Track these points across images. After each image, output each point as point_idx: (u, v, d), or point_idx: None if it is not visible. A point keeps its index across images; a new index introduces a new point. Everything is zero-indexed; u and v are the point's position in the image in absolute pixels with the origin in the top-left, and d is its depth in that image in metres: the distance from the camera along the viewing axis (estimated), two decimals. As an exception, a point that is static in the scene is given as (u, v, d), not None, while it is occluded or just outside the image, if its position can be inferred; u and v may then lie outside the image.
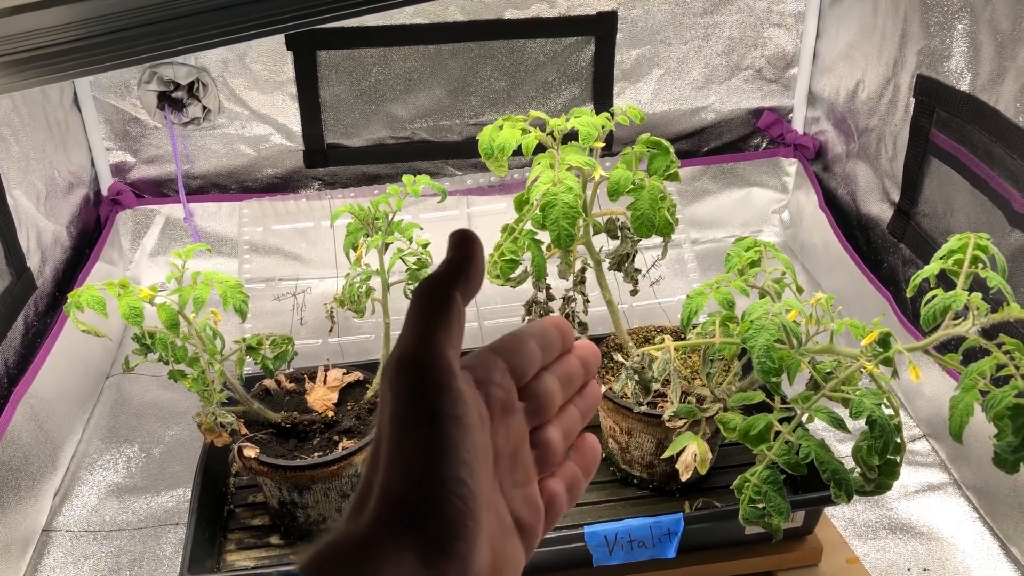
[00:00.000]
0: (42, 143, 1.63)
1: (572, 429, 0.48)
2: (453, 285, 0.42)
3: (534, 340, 0.46)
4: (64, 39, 1.05)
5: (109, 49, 1.07)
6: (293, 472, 1.16)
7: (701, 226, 2.01)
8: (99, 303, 1.06)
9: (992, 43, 1.31)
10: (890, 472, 0.97)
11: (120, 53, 1.08)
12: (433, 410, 0.39)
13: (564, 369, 0.47)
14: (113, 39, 1.07)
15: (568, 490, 0.48)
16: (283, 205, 1.77)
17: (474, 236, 0.44)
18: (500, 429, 0.43)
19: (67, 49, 1.06)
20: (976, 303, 0.91)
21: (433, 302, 0.42)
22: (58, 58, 1.06)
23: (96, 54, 1.07)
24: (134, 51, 1.09)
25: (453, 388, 0.40)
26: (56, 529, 1.34)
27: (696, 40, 1.90)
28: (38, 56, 1.05)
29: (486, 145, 1.13)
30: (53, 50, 1.05)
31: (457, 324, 0.42)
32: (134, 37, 1.08)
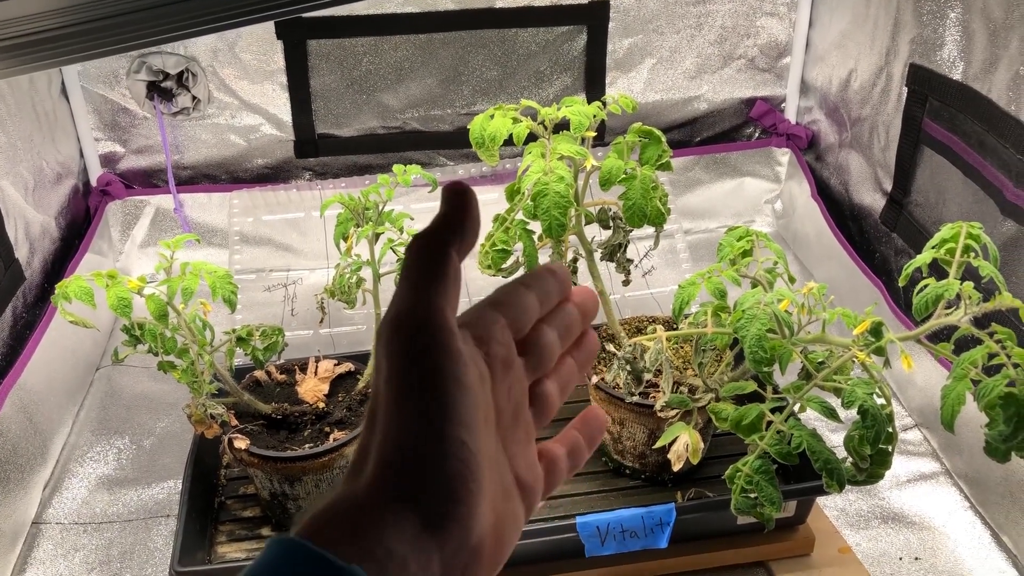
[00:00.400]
0: (30, 133, 1.62)
1: (569, 381, 0.47)
2: (448, 240, 0.40)
3: (532, 292, 0.44)
4: (51, 26, 1.04)
5: (97, 36, 1.06)
6: (284, 463, 1.15)
7: (693, 216, 2.01)
8: (87, 294, 1.05)
9: (985, 32, 1.31)
10: (882, 462, 0.97)
11: (108, 40, 1.07)
12: (431, 370, 0.38)
13: (562, 320, 0.46)
14: (101, 26, 1.06)
15: (569, 455, 0.47)
16: (273, 195, 1.76)
17: (467, 188, 0.42)
18: (501, 387, 0.42)
19: (54, 36, 1.05)
20: (968, 292, 0.91)
21: (428, 258, 0.40)
22: (45, 45, 1.04)
23: (84, 41, 1.06)
24: (122, 38, 1.08)
25: (451, 347, 0.38)
26: (46, 521, 1.34)
27: (689, 29, 1.89)
28: (24, 43, 1.04)
29: (477, 134, 1.12)
30: (40, 37, 1.04)
31: (454, 281, 0.40)
32: (122, 24, 1.07)
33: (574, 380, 0.48)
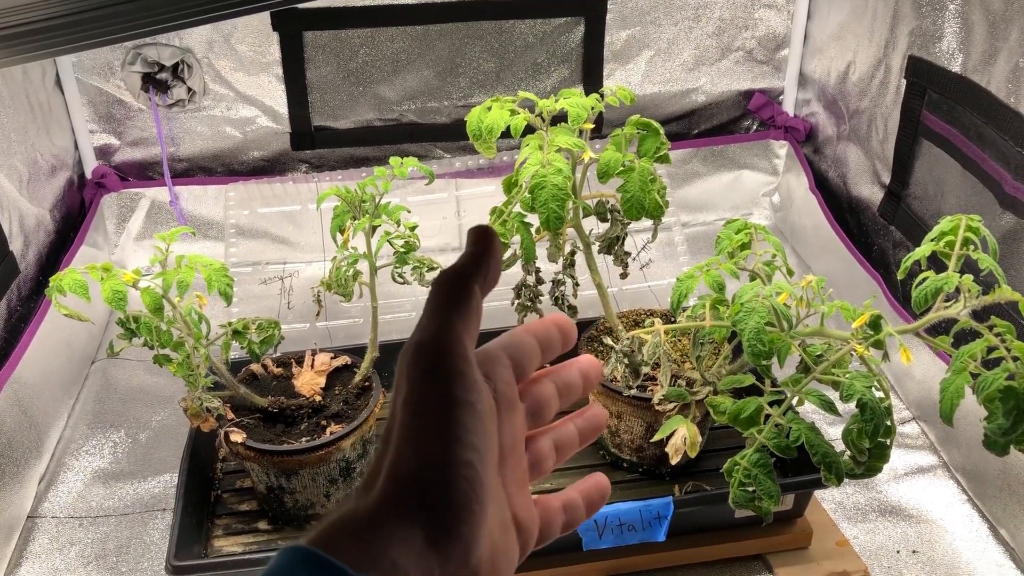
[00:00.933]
0: (24, 125, 1.61)
1: (567, 446, 0.49)
2: (472, 277, 0.43)
3: (534, 337, 0.47)
4: (43, 16, 1.03)
5: (90, 26, 1.05)
6: (280, 457, 1.15)
7: (691, 209, 2.00)
8: (81, 287, 1.04)
9: (984, 24, 1.30)
10: (880, 455, 0.97)
11: (102, 31, 1.06)
12: (447, 395, 0.40)
13: (562, 376, 0.48)
14: (96, 16, 1.05)
15: (565, 510, 0.49)
16: (270, 188, 1.75)
17: (493, 232, 0.45)
18: (504, 426, 0.43)
19: (46, 27, 1.04)
20: (967, 285, 0.91)
21: (453, 292, 0.42)
22: (37, 36, 1.04)
23: (77, 32, 1.05)
24: (116, 28, 1.07)
25: (468, 375, 0.40)
26: (41, 515, 1.33)
27: (686, 21, 1.88)
28: (16, 34, 1.03)
29: (474, 127, 1.11)
30: (32, 27, 1.03)
31: (475, 315, 0.43)
32: (116, 14, 1.06)
33: (573, 447, 0.50)
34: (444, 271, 0.44)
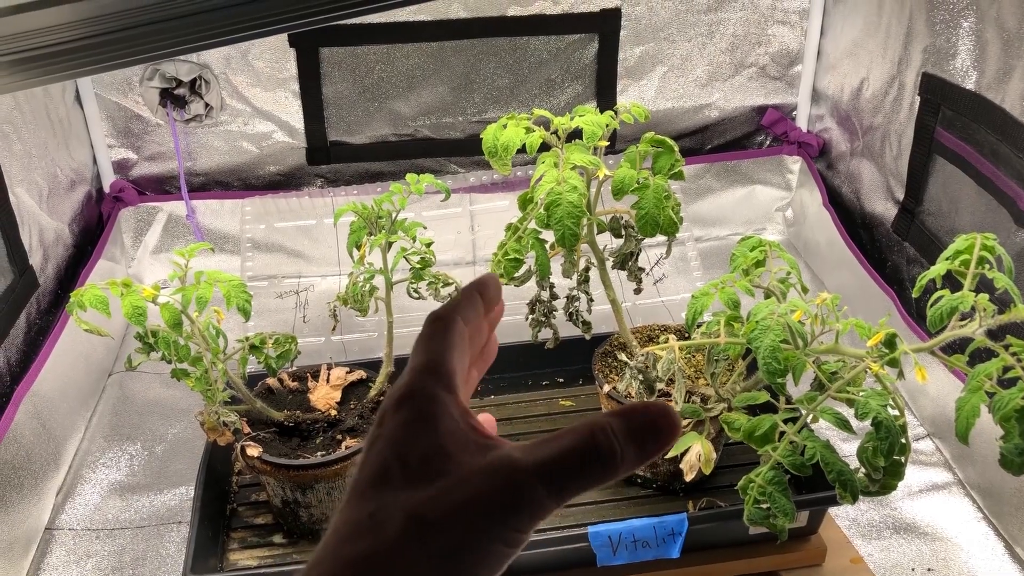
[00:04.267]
0: (44, 140, 1.63)
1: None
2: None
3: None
4: (67, 38, 1.04)
5: (112, 48, 1.07)
6: (296, 471, 1.16)
7: (704, 224, 2.00)
8: (102, 303, 1.05)
9: (998, 41, 1.30)
10: (895, 473, 0.97)
11: (123, 52, 1.08)
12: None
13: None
14: (116, 38, 1.06)
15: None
16: (285, 202, 1.77)
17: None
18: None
19: (70, 48, 1.05)
20: (983, 304, 0.91)
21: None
22: (61, 57, 1.05)
23: (99, 53, 1.07)
24: (136, 50, 1.09)
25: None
26: (59, 527, 1.34)
27: (700, 37, 1.89)
28: (41, 55, 1.04)
29: (490, 144, 1.12)
30: (56, 49, 1.04)
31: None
32: (137, 36, 1.07)
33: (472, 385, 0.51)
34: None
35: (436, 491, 0.38)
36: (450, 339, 0.44)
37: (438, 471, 0.39)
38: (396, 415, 0.41)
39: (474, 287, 0.47)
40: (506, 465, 0.38)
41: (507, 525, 0.38)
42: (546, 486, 0.38)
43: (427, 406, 0.41)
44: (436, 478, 0.38)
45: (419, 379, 0.42)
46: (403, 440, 0.40)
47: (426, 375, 0.42)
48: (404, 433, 0.40)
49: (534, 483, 0.38)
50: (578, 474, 0.38)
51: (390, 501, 0.38)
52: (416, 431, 0.40)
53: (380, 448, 0.40)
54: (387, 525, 0.37)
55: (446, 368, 0.42)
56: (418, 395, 0.41)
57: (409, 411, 0.41)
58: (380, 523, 0.38)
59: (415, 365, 0.43)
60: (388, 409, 0.41)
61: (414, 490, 0.38)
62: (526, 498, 0.38)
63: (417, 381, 0.42)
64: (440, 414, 0.41)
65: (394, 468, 0.39)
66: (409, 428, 0.40)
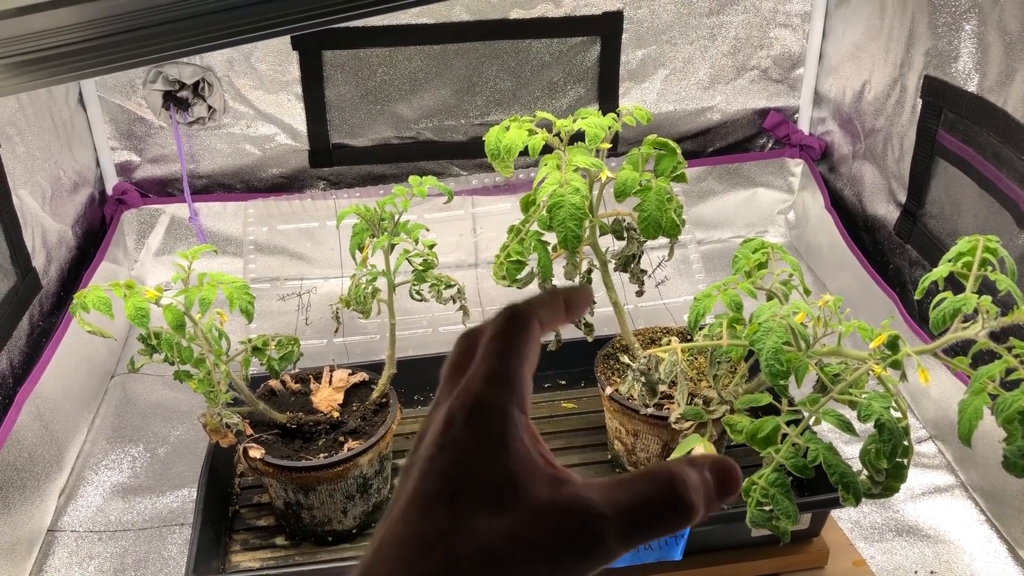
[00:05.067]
0: (47, 143, 1.63)
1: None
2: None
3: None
4: (71, 40, 1.04)
5: (116, 50, 1.07)
6: (298, 473, 1.16)
7: (706, 226, 2.01)
8: (105, 304, 1.06)
9: (1000, 44, 1.31)
10: (897, 475, 0.97)
11: (127, 54, 1.08)
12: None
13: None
14: (120, 40, 1.06)
15: None
16: (288, 205, 1.77)
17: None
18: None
19: (74, 50, 1.05)
20: (985, 306, 0.91)
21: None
22: (65, 59, 1.05)
23: (103, 55, 1.07)
24: (141, 52, 1.09)
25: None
26: (61, 529, 1.34)
27: (702, 40, 1.89)
28: (45, 57, 1.05)
29: (492, 146, 1.12)
30: (60, 51, 1.05)
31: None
32: (141, 38, 1.07)
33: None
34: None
35: (511, 521, 0.36)
36: (526, 346, 0.41)
37: (512, 501, 0.36)
38: (466, 428, 0.38)
39: (562, 292, 0.44)
40: (582, 507, 0.37)
41: (575, 568, 0.36)
42: (619, 532, 0.36)
43: (500, 424, 0.38)
44: (508, 509, 0.36)
45: (492, 390, 0.39)
46: (474, 460, 0.37)
47: (499, 386, 0.39)
48: (475, 452, 0.38)
49: (610, 529, 0.36)
50: (653, 524, 0.37)
51: (462, 525, 0.36)
52: (488, 451, 0.37)
53: (449, 462, 0.38)
54: (458, 550, 0.35)
55: (520, 381, 0.39)
56: (491, 409, 0.38)
57: (481, 426, 0.38)
58: (451, 547, 0.35)
59: (489, 372, 0.39)
60: (456, 417, 0.38)
61: (487, 517, 0.36)
62: (599, 543, 0.36)
63: (489, 392, 0.39)
64: (513, 435, 0.38)
65: (465, 488, 0.37)
66: (480, 447, 0.38)
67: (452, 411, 0.39)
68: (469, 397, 0.39)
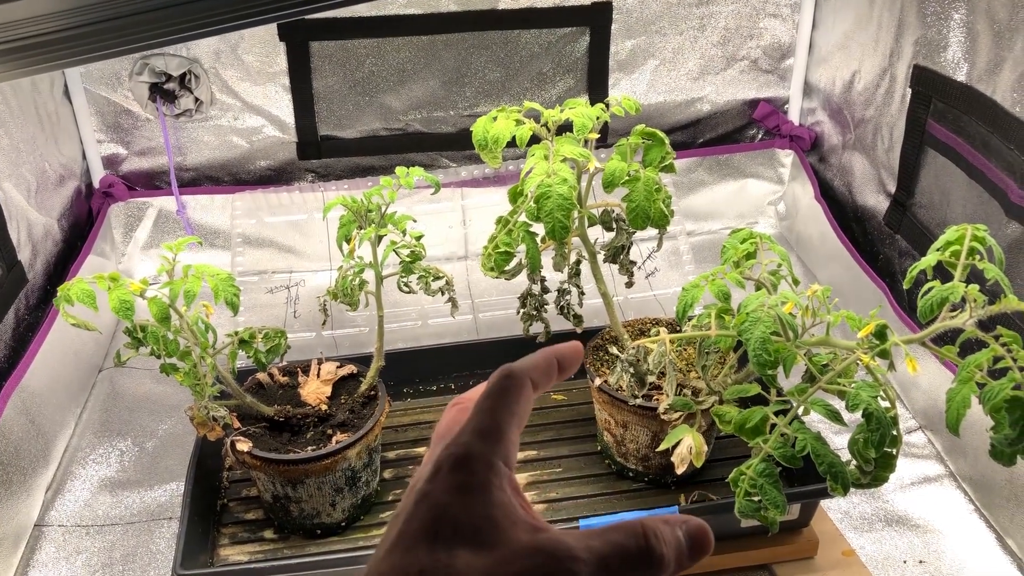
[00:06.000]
0: (32, 135, 1.62)
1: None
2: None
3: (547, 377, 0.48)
4: (54, 28, 1.03)
5: (99, 39, 1.06)
6: (286, 466, 1.15)
7: (696, 218, 2.00)
8: (89, 297, 1.05)
9: (989, 33, 1.30)
10: (886, 465, 0.97)
11: (111, 42, 1.07)
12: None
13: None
14: (104, 28, 1.05)
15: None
16: (276, 197, 1.76)
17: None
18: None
19: (57, 39, 1.04)
20: (973, 295, 0.91)
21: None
22: (47, 48, 1.04)
23: (87, 43, 1.06)
24: (125, 40, 1.08)
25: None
26: (48, 524, 1.34)
27: (691, 30, 1.89)
28: (27, 46, 1.03)
29: (480, 137, 1.12)
30: (42, 40, 1.04)
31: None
32: (125, 26, 1.06)
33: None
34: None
35: (491, 561, 0.38)
36: (518, 406, 0.44)
37: (491, 542, 0.38)
38: (450, 477, 0.40)
39: (555, 354, 0.47)
40: (562, 549, 0.38)
41: None
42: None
43: (484, 474, 0.40)
44: (488, 549, 0.38)
45: (480, 444, 0.41)
46: (456, 503, 0.40)
47: (488, 441, 0.42)
48: (458, 496, 0.40)
49: (585, 571, 0.38)
50: (621, 572, 0.39)
51: (442, 562, 0.38)
52: (470, 497, 0.40)
53: (431, 505, 0.40)
54: None
55: (507, 438, 0.42)
56: (476, 460, 0.41)
57: (466, 475, 0.40)
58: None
59: (479, 426, 0.42)
60: (443, 465, 0.41)
61: (467, 557, 0.38)
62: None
63: (477, 445, 0.41)
64: (496, 485, 0.40)
65: (446, 529, 0.39)
66: (463, 493, 0.40)
67: (440, 460, 0.41)
68: (457, 447, 0.41)
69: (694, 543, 0.41)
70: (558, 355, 0.47)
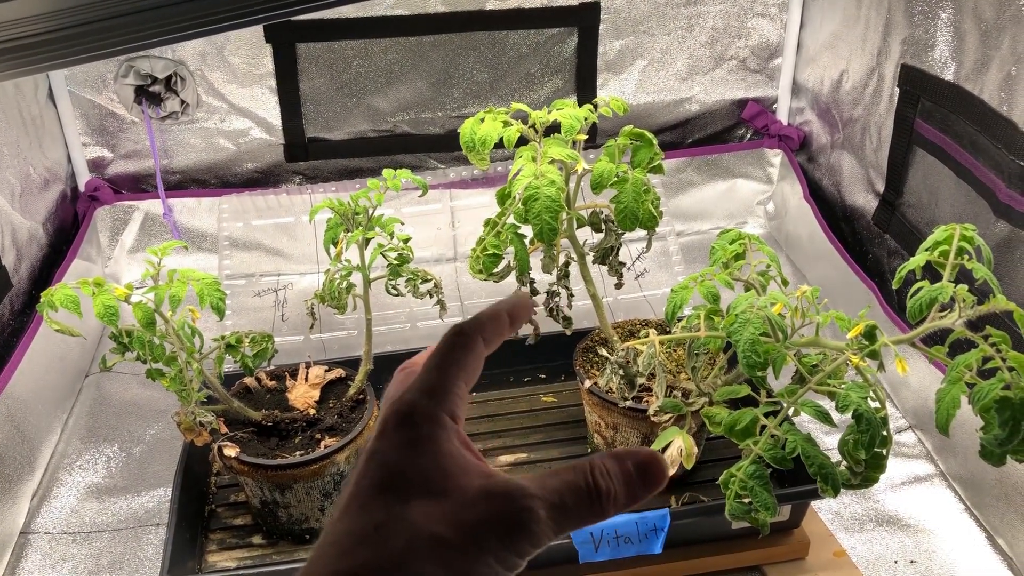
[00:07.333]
0: (16, 139, 1.60)
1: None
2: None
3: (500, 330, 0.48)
4: (38, 30, 1.02)
5: (84, 41, 1.05)
6: (274, 471, 1.14)
7: (686, 218, 2.00)
8: (73, 302, 1.04)
9: (976, 32, 1.30)
10: (877, 465, 0.97)
11: (95, 45, 1.06)
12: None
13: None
14: (88, 30, 1.04)
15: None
16: (263, 200, 1.75)
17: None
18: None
19: (41, 41, 1.03)
20: (962, 295, 0.91)
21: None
22: (32, 50, 1.03)
23: (72, 46, 1.05)
24: (110, 43, 1.07)
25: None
26: (34, 531, 1.32)
27: (679, 30, 1.88)
28: (11, 48, 1.02)
29: (467, 138, 1.11)
30: (25, 42, 1.02)
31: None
32: (109, 28, 1.05)
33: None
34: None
35: (445, 507, 0.38)
36: (466, 361, 0.44)
37: (444, 490, 0.39)
38: (396, 433, 0.41)
39: (505, 308, 0.47)
40: (517, 489, 0.39)
41: (512, 548, 0.38)
42: (549, 516, 0.39)
43: (430, 428, 0.41)
44: (443, 496, 0.39)
45: (424, 399, 0.42)
46: (405, 458, 0.40)
47: (433, 397, 0.42)
48: (406, 451, 0.41)
49: (541, 510, 0.39)
50: (577, 508, 0.40)
51: (395, 515, 0.38)
52: (418, 450, 0.40)
53: (381, 462, 0.41)
54: (391, 539, 0.38)
55: (454, 394, 0.43)
56: (420, 415, 0.42)
57: (411, 430, 0.41)
58: (384, 537, 0.38)
59: (424, 384, 0.43)
60: (389, 423, 0.42)
61: (421, 506, 0.38)
62: (534, 523, 0.39)
63: (422, 401, 0.42)
64: (443, 438, 0.41)
65: (397, 482, 0.40)
66: (410, 447, 0.41)
67: (386, 417, 0.42)
68: (402, 404, 0.42)
69: (645, 474, 0.41)
70: (507, 308, 0.47)
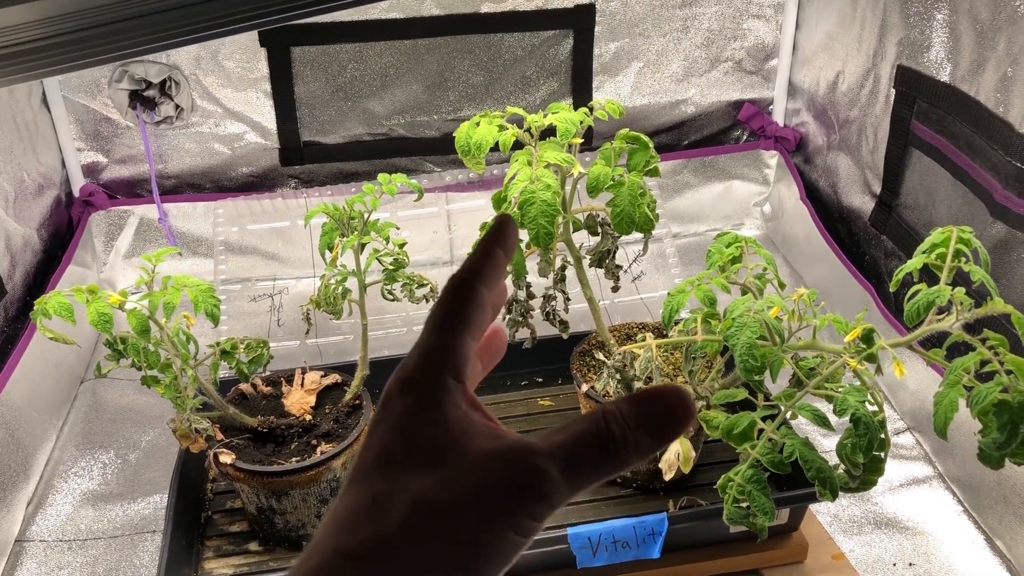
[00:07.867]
0: (10, 144, 1.59)
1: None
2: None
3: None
4: (30, 38, 1.02)
5: (78, 47, 1.05)
6: (270, 478, 1.14)
7: (682, 220, 2.00)
8: (67, 310, 1.03)
9: (972, 33, 1.30)
10: (875, 469, 0.96)
11: (90, 51, 1.06)
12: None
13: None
14: (82, 37, 1.04)
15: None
16: (259, 204, 1.74)
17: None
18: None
19: (33, 48, 1.03)
20: (960, 298, 0.90)
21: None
22: (24, 57, 1.03)
23: (65, 52, 1.04)
24: (104, 49, 1.06)
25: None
26: (30, 539, 1.32)
27: (675, 32, 1.88)
28: (4, 55, 1.02)
29: (463, 143, 1.11)
30: (19, 49, 1.02)
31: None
32: (104, 35, 1.05)
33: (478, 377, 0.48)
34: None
35: (447, 473, 0.36)
36: (467, 315, 0.41)
37: (446, 456, 0.37)
38: (400, 400, 0.39)
39: (493, 240, 0.44)
40: (524, 449, 0.37)
41: (522, 511, 0.36)
42: (562, 472, 0.37)
43: (433, 393, 0.39)
44: (445, 462, 0.37)
45: (426, 364, 0.40)
46: (407, 426, 0.38)
47: (434, 360, 0.40)
48: (409, 419, 0.39)
49: (552, 467, 0.37)
50: (590, 461, 0.37)
51: (396, 486, 0.36)
52: (421, 417, 0.39)
53: (383, 432, 0.39)
54: (392, 511, 0.36)
55: (457, 354, 0.40)
56: (423, 381, 0.40)
57: (414, 397, 0.39)
58: (384, 509, 0.36)
59: (425, 347, 0.41)
60: (392, 392, 0.40)
61: (422, 474, 0.37)
62: (544, 482, 0.36)
63: (422, 365, 0.40)
64: (447, 402, 0.39)
65: (398, 452, 0.38)
66: (414, 414, 0.39)
67: (389, 388, 0.40)
68: (403, 371, 0.40)
69: (667, 413, 0.38)
70: (496, 239, 0.44)
